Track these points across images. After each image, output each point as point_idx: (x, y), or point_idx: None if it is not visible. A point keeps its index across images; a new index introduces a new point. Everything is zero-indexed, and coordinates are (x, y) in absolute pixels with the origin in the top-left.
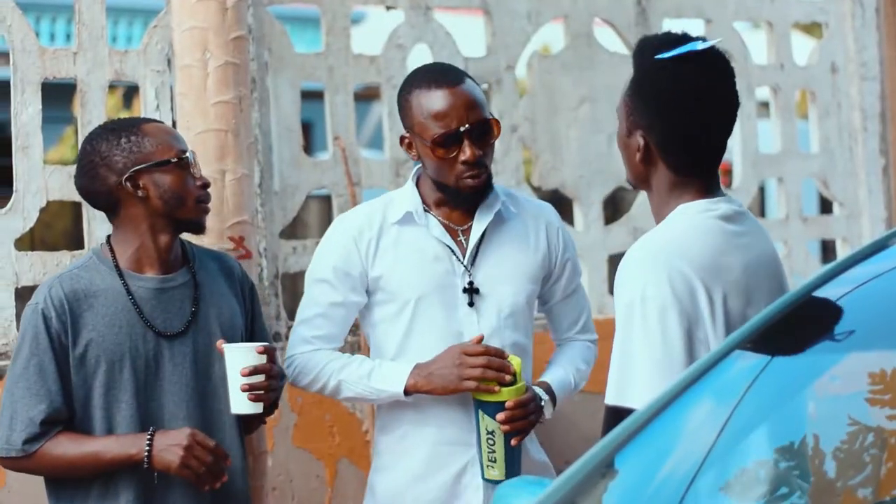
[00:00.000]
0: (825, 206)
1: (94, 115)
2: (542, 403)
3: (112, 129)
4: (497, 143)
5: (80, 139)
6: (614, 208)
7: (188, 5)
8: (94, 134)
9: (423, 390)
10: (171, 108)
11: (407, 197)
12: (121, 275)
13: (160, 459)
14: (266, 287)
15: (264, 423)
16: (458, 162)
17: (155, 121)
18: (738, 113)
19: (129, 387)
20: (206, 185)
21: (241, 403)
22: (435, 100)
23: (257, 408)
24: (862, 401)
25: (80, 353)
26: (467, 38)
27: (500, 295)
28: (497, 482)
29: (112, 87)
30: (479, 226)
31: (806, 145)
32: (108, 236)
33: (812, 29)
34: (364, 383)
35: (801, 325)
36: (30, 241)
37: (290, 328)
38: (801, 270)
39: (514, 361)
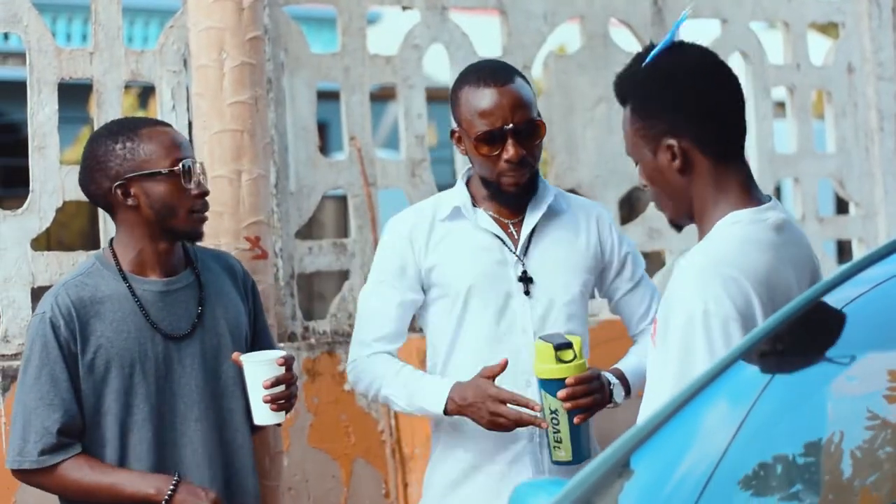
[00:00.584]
0: (841, 207)
1: (110, 115)
2: (611, 387)
3: (112, 132)
4: None
5: None
6: (630, 208)
7: (204, 5)
8: (95, 135)
9: (454, 412)
10: (188, 109)
11: (456, 194)
12: (125, 279)
13: None
14: (282, 287)
15: (279, 425)
16: (502, 160)
17: (160, 124)
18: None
19: (141, 391)
20: (202, 195)
21: (263, 415)
22: (481, 98)
23: (280, 417)
24: (878, 401)
25: (90, 359)
26: (483, 39)
27: (554, 284)
28: (566, 464)
29: (128, 87)
30: (531, 218)
31: (822, 145)
32: (111, 239)
33: (828, 29)
34: (408, 400)
35: (817, 326)
36: (46, 241)
37: (305, 328)
38: None
39: (574, 340)
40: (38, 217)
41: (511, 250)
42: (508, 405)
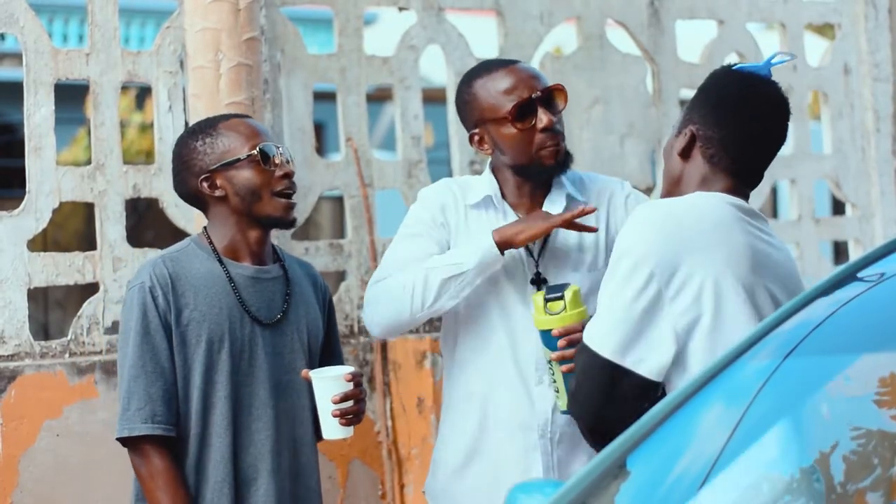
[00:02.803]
0: (837, 208)
1: (106, 115)
2: None
3: (192, 132)
4: None
5: (93, 140)
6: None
7: (201, 6)
8: (179, 138)
9: (511, 240)
10: (184, 110)
11: (485, 183)
12: (220, 260)
13: None
14: None
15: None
16: (537, 131)
17: (237, 116)
18: None
19: (225, 368)
20: (286, 175)
21: (332, 429)
22: (500, 79)
23: (348, 432)
24: (874, 402)
25: (182, 331)
26: (480, 40)
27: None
28: (567, 412)
29: (125, 87)
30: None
31: (818, 146)
32: (205, 227)
33: (825, 30)
34: (447, 261)
35: (813, 327)
36: (42, 242)
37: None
38: (813, 272)
39: (571, 290)
40: (35, 218)
41: (528, 249)
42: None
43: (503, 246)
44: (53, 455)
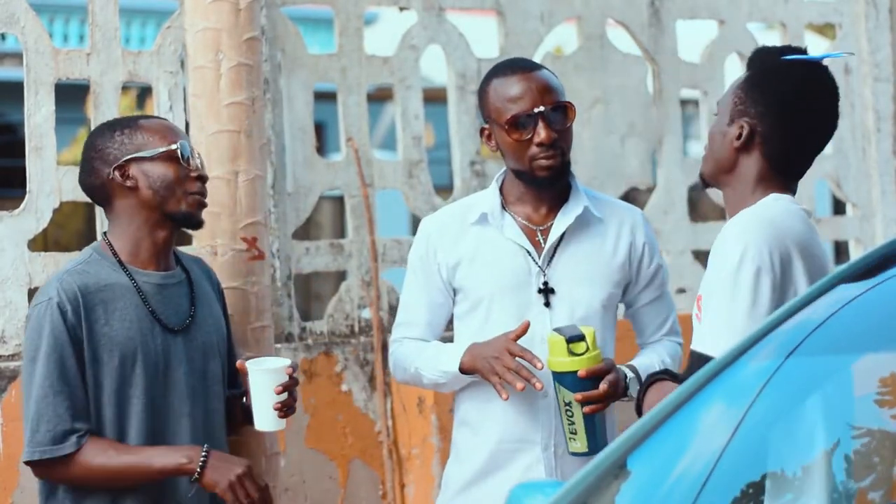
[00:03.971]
0: (838, 207)
1: (107, 115)
2: (627, 380)
3: (110, 125)
4: None
5: None
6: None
7: (201, 6)
8: (94, 130)
9: (470, 370)
10: (185, 109)
11: (487, 198)
12: (125, 269)
13: (209, 476)
14: (279, 288)
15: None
16: (533, 144)
17: (156, 118)
18: None
19: (140, 382)
20: (201, 178)
21: (269, 421)
22: (511, 84)
23: (283, 424)
24: (874, 402)
25: (94, 347)
26: (480, 39)
27: (576, 297)
28: (583, 454)
29: (125, 87)
30: (559, 226)
31: None
32: (105, 233)
33: (825, 30)
34: (433, 366)
35: (814, 326)
36: (43, 242)
37: (302, 329)
38: None
39: (588, 332)
40: (35, 218)
41: (535, 260)
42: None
43: (467, 370)
44: None
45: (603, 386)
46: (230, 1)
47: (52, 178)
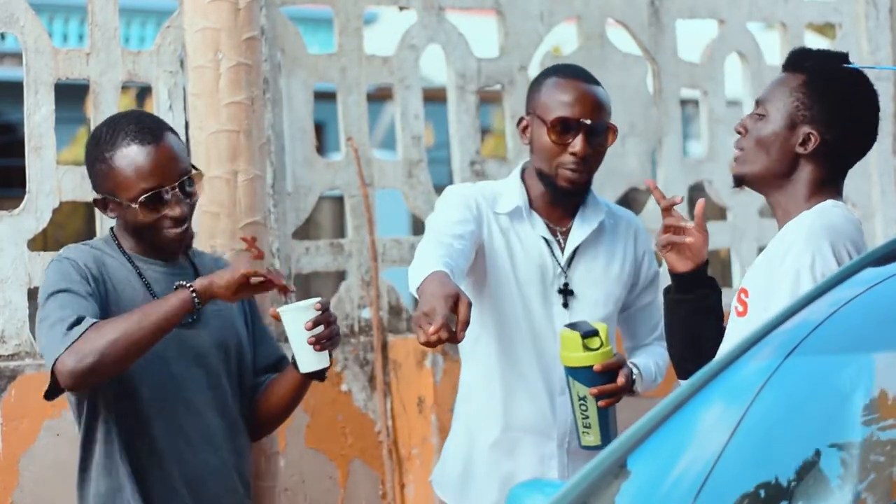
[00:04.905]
0: None
1: (106, 115)
2: (634, 376)
3: (96, 142)
4: (510, 143)
5: None
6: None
7: (200, 6)
8: (93, 134)
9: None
10: (184, 109)
11: (515, 191)
12: (130, 259)
13: (214, 282)
14: None
15: (323, 374)
16: (567, 152)
17: (143, 141)
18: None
19: (142, 370)
20: (177, 220)
21: (309, 360)
22: (569, 89)
23: (325, 360)
24: (874, 402)
25: (108, 305)
26: (480, 39)
27: (593, 298)
28: (595, 448)
29: (125, 87)
30: (580, 231)
31: None
32: (111, 228)
33: (826, 30)
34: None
35: (814, 326)
36: (42, 242)
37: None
38: None
39: (601, 328)
40: (35, 218)
41: (557, 261)
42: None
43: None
44: (53, 455)
45: (620, 380)
46: (229, 1)
47: (51, 177)
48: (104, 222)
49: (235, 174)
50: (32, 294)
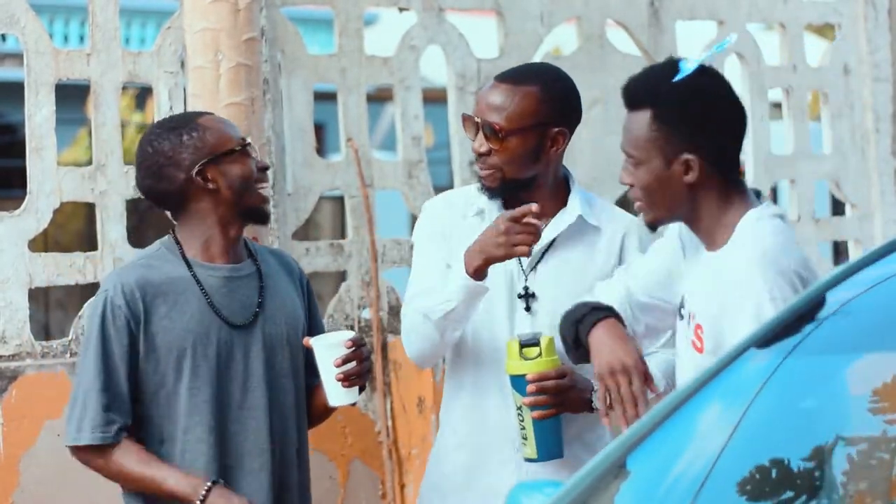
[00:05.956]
0: (837, 208)
1: (107, 116)
2: (593, 391)
3: (171, 128)
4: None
5: (94, 140)
6: (625, 210)
7: (200, 7)
8: (153, 135)
9: (479, 266)
10: (184, 110)
11: (471, 191)
12: (189, 266)
13: None
14: None
15: (354, 405)
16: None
17: (206, 113)
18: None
19: (202, 374)
20: (265, 168)
21: (336, 395)
22: (485, 86)
23: (353, 396)
24: (874, 402)
25: (151, 340)
26: (480, 40)
27: (559, 303)
28: (533, 461)
29: (125, 88)
30: (549, 233)
31: (818, 146)
32: (173, 228)
33: (825, 30)
34: (440, 297)
35: (813, 326)
36: (43, 243)
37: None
38: None
39: (545, 338)
40: (36, 218)
41: (520, 263)
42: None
43: (478, 273)
44: (54, 455)
45: (531, 389)
46: (229, 1)
47: (52, 178)
48: (104, 223)
49: None
50: (33, 294)
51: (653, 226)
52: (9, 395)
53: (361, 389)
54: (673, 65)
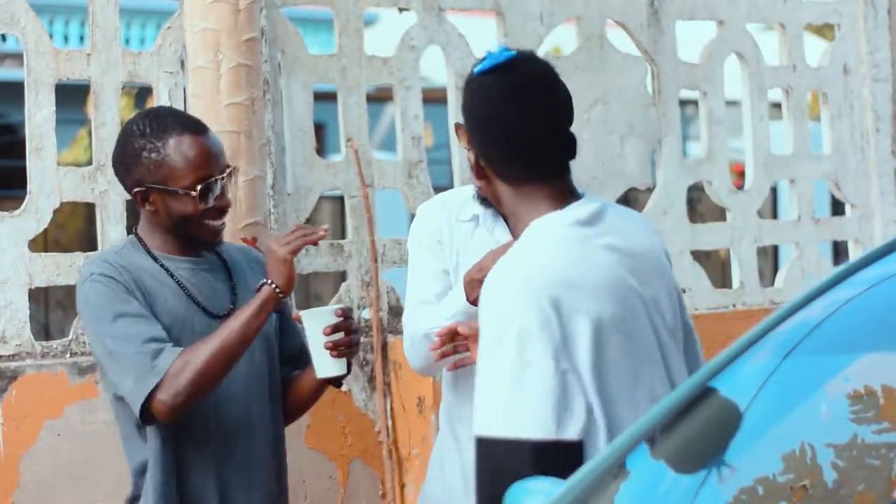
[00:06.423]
0: (837, 208)
1: (107, 116)
2: None
3: (143, 133)
4: None
5: (94, 140)
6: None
7: (200, 7)
8: (129, 130)
9: (478, 296)
10: (184, 110)
11: (468, 195)
12: (155, 259)
13: (280, 278)
14: None
15: (341, 381)
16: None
17: (191, 130)
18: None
19: None
20: (223, 209)
21: (325, 366)
22: None
23: (341, 367)
24: (873, 402)
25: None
26: (480, 40)
27: None
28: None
29: (125, 88)
30: None
31: (818, 147)
32: (135, 228)
33: (824, 30)
34: (440, 316)
35: (813, 326)
36: (43, 243)
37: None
38: (812, 272)
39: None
40: (36, 218)
41: None
42: None
43: (478, 301)
44: (54, 455)
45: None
46: (229, 2)
47: (52, 178)
48: (104, 223)
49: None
50: (33, 294)
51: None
52: (9, 395)
53: (349, 365)
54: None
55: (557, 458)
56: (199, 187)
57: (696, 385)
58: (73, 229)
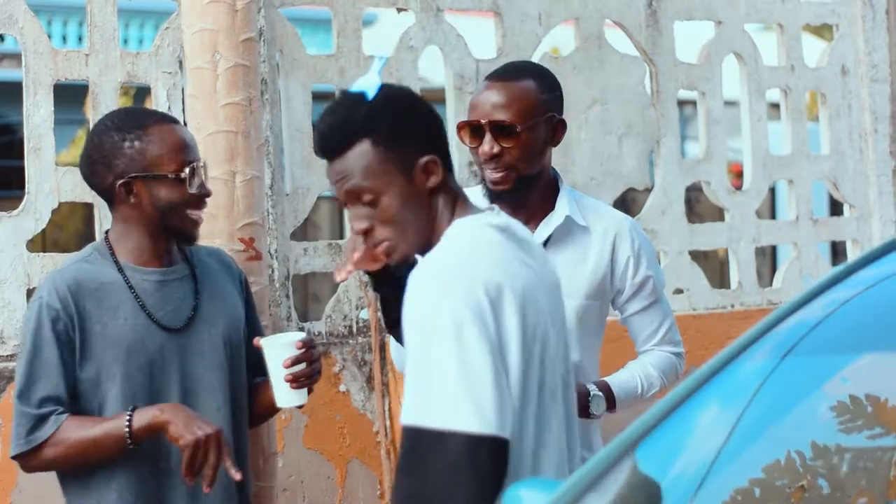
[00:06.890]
0: (835, 208)
1: None
2: (590, 397)
3: (118, 127)
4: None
5: None
6: (624, 209)
7: (198, 7)
8: (101, 126)
9: None
10: (183, 110)
11: (478, 197)
12: (121, 269)
13: (176, 428)
14: (277, 288)
15: (299, 408)
16: (480, 153)
17: (167, 120)
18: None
19: (137, 379)
20: (203, 197)
21: (284, 396)
22: (479, 91)
23: (301, 397)
24: (873, 402)
25: (86, 346)
26: (478, 40)
27: None
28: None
29: (124, 88)
30: (539, 235)
31: (816, 147)
32: (107, 231)
33: (823, 31)
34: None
35: (811, 327)
36: (41, 243)
37: (300, 329)
38: (811, 272)
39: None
40: (34, 218)
41: None
42: None
43: None
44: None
45: None
46: (227, 2)
47: (50, 178)
48: (103, 223)
49: (233, 175)
50: (32, 294)
51: (402, 266)
52: (8, 395)
53: (310, 391)
54: (354, 95)
55: (491, 454)
56: (186, 170)
57: (696, 384)
58: (71, 229)
